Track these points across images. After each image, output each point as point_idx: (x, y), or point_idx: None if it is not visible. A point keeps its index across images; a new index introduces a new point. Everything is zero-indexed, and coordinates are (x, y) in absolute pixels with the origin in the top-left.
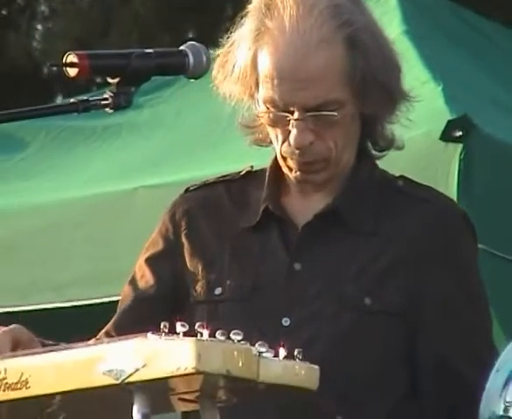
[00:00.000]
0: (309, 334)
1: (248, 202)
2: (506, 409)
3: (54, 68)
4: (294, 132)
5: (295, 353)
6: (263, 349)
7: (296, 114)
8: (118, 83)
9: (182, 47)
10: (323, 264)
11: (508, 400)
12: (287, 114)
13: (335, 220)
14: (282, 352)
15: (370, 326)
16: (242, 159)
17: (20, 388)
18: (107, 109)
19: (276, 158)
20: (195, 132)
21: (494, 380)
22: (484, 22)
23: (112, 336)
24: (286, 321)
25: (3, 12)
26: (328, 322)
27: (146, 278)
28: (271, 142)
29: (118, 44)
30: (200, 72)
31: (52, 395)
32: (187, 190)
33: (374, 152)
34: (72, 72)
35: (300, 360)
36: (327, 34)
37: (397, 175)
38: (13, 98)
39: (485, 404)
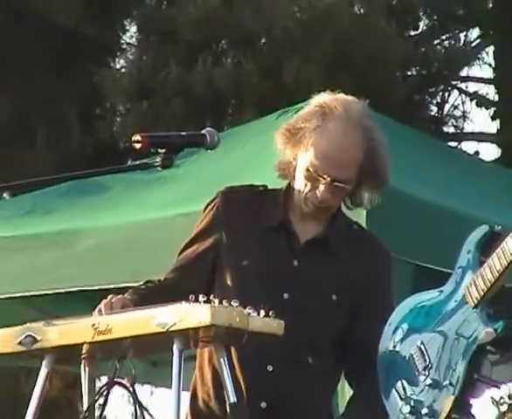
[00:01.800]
0: (299, 307)
1: (265, 210)
2: (394, 346)
3: (127, 144)
4: (321, 189)
5: (270, 313)
6: (250, 311)
7: (328, 180)
8: (165, 152)
9: (202, 131)
10: (312, 267)
11: (395, 340)
12: (320, 178)
13: (323, 243)
14: (262, 312)
15: (333, 311)
16: None
17: (106, 333)
18: (158, 168)
19: (288, 187)
20: (210, 180)
21: (388, 329)
22: (406, 129)
23: (167, 279)
24: (286, 295)
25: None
26: (310, 303)
27: (201, 242)
28: (288, 178)
29: (163, 130)
30: (213, 146)
31: (125, 338)
32: (225, 192)
33: (349, 205)
34: (138, 146)
35: (274, 317)
36: (359, 142)
37: (353, 220)
38: (101, 162)
39: (381, 345)
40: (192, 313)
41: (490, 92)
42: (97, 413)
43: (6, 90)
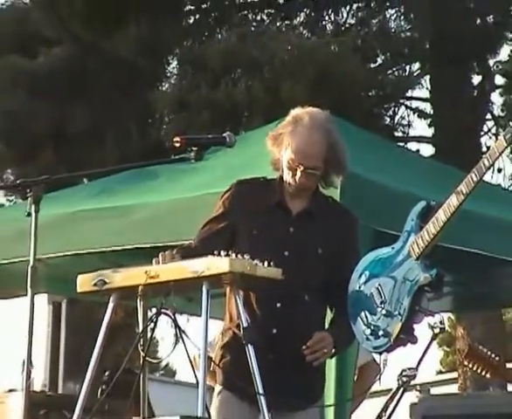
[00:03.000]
0: (296, 261)
1: (266, 194)
2: (359, 287)
3: (170, 143)
4: (299, 175)
5: (271, 263)
6: (257, 262)
7: (302, 168)
8: (196, 150)
9: (224, 134)
10: (302, 232)
11: (360, 283)
12: (297, 168)
13: (309, 214)
14: (266, 263)
15: (319, 262)
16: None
17: (155, 278)
18: (192, 161)
19: (280, 176)
20: (229, 170)
21: (354, 275)
22: (368, 133)
23: (196, 246)
24: (286, 253)
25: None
26: (303, 257)
27: (217, 222)
28: (279, 170)
29: (196, 133)
30: (231, 145)
31: (169, 281)
32: (237, 184)
33: (324, 185)
34: (177, 145)
35: (273, 266)
36: (321, 140)
37: (328, 195)
38: (151, 157)
39: (350, 287)
40: (216, 264)
41: (427, 107)
42: (149, 334)
43: (84, 106)
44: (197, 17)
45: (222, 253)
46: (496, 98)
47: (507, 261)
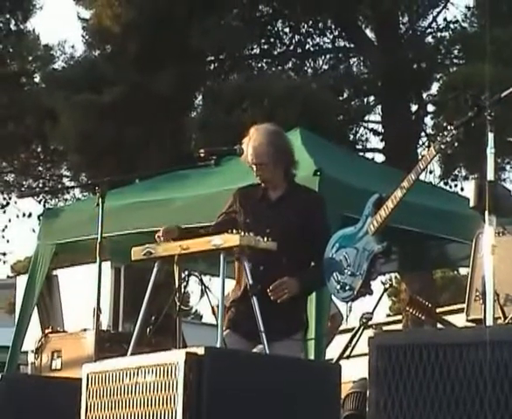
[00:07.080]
0: (275, 234)
1: (257, 193)
2: (332, 255)
3: (197, 154)
4: (255, 171)
5: (269, 239)
6: (258, 238)
7: (253, 165)
8: (216, 158)
9: (235, 147)
10: (278, 212)
11: (332, 252)
12: (252, 165)
13: (283, 200)
14: (265, 239)
15: (293, 230)
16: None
17: (186, 249)
18: (213, 166)
19: None
20: (238, 173)
21: (328, 246)
22: (338, 147)
23: (213, 228)
24: (268, 230)
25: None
26: (281, 230)
27: (226, 215)
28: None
29: (216, 146)
30: (240, 154)
31: (197, 252)
32: (239, 189)
33: (291, 177)
34: (202, 154)
35: (270, 240)
36: (265, 142)
37: (302, 184)
38: (183, 164)
39: (325, 254)
40: (230, 239)
41: (379, 127)
42: (182, 290)
43: (135, 128)
44: (216, 64)
45: (234, 232)
46: (428, 120)
47: (435, 236)
